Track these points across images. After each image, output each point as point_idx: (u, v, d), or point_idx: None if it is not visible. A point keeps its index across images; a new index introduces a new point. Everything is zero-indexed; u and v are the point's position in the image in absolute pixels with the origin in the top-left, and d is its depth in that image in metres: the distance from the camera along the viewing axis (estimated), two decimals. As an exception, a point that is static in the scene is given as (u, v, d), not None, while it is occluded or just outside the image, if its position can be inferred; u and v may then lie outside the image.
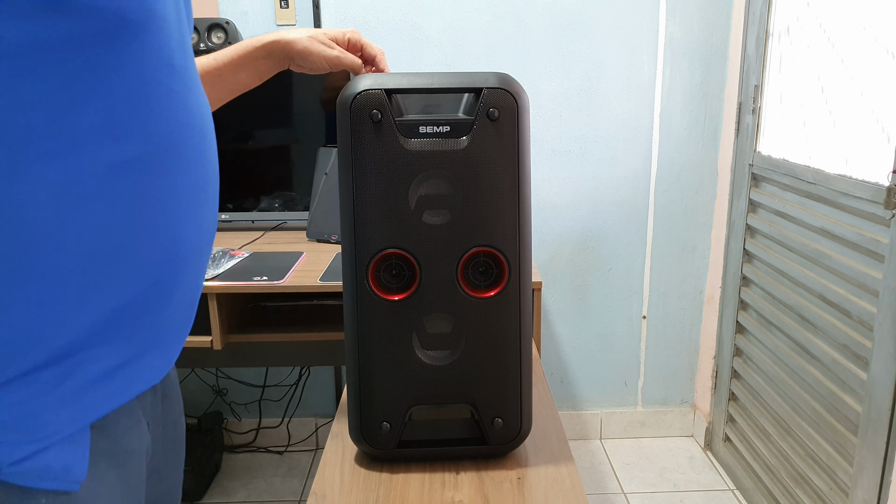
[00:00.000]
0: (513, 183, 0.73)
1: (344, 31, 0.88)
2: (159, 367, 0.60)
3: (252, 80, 0.88)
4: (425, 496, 0.75)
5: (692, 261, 2.20)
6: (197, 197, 0.59)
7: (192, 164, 0.57)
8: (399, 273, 0.75)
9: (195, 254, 0.60)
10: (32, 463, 0.50)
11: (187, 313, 0.63)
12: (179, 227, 0.57)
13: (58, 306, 0.50)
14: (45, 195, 0.47)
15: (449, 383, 0.77)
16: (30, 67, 0.45)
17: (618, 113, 2.08)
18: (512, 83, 0.73)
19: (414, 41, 2.00)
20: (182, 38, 0.58)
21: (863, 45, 1.45)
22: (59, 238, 0.49)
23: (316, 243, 1.80)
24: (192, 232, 0.59)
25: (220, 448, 2.18)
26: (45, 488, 0.51)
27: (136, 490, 0.61)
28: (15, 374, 0.49)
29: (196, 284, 0.63)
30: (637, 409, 2.32)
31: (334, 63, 0.86)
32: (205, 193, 0.60)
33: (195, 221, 0.59)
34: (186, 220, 0.58)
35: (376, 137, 0.72)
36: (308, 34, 0.86)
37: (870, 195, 1.38)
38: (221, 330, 1.49)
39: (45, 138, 0.47)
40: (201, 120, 0.59)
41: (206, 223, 0.62)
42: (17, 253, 0.48)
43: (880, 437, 1.34)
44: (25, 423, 0.50)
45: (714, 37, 2.03)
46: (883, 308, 1.33)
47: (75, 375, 0.52)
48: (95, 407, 0.54)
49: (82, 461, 0.53)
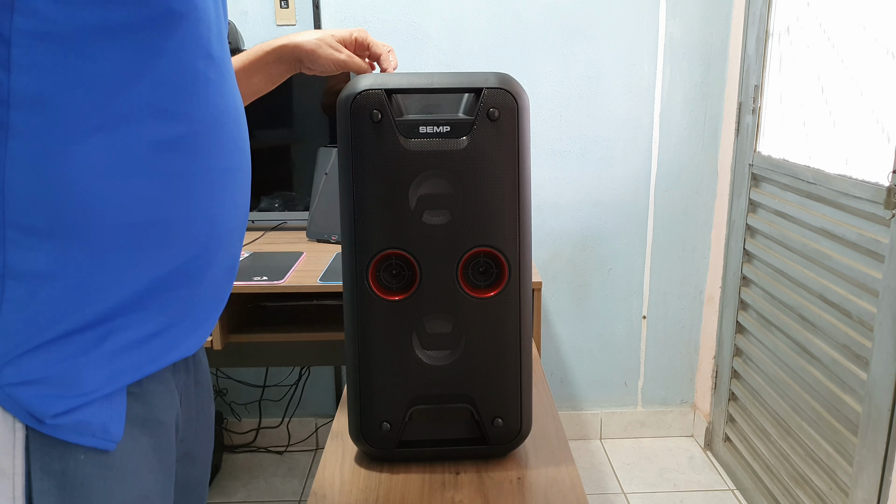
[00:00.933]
0: (513, 183, 0.73)
1: (351, 32, 0.89)
2: (193, 339, 0.63)
3: (264, 84, 0.89)
4: (425, 496, 0.75)
5: (692, 261, 2.20)
6: (232, 179, 0.62)
7: (227, 149, 0.61)
8: (399, 273, 0.75)
9: (230, 233, 0.63)
10: (73, 417, 0.54)
11: (221, 290, 0.65)
12: (216, 206, 0.60)
13: (103, 273, 0.54)
14: (96, 166, 0.52)
15: (449, 383, 0.77)
16: (86, 49, 0.50)
17: (618, 113, 2.08)
18: (512, 83, 0.73)
19: (414, 41, 2.00)
20: (220, 31, 0.62)
21: (863, 45, 1.45)
22: (108, 208, 0.53)
23: (316, 243, 1.80)
24: (227, 212, 0.62)
25: (220, 448, 2.18)
26: (85, 444, 0.54)
27: (167, 460, 0.63)
28: (60, 333, 0.53)
29: (231, 264, 0.66)
30: (637, 409, 2.32)
31: (341, 66, 0.88)
32: (240, 176, 0.64)
33: (230, 202, 0.62)
34: (222, 201, 0.61)
35: (376, 137, 0.72)
36: (316, 37, 0.87)
37: (870, 195, 1.38)
38: (221, 330, 1.49)
39: (98, 114, 0.52)
40: (235, 109, 0.63)
41: (240, 205, 0.65)
42: (69, 220, 0.52)
43: (880, 437, 1.34)
44: (67, 379, 0.53)
45: (714, 37, 2.03)
46: (883, 308, 1.33)
47: (114, 339, 0.55)
48: (132, 370, 0.57)
49: (119, 421, 0.57)
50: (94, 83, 0.51)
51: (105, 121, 0.52)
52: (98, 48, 0.51)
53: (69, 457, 0.54)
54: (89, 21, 0.50)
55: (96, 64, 0.51)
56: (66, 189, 0.51)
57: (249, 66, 0.87)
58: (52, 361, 0.53)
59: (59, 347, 0.53)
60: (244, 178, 0.66)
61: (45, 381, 0.53)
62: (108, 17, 0.50)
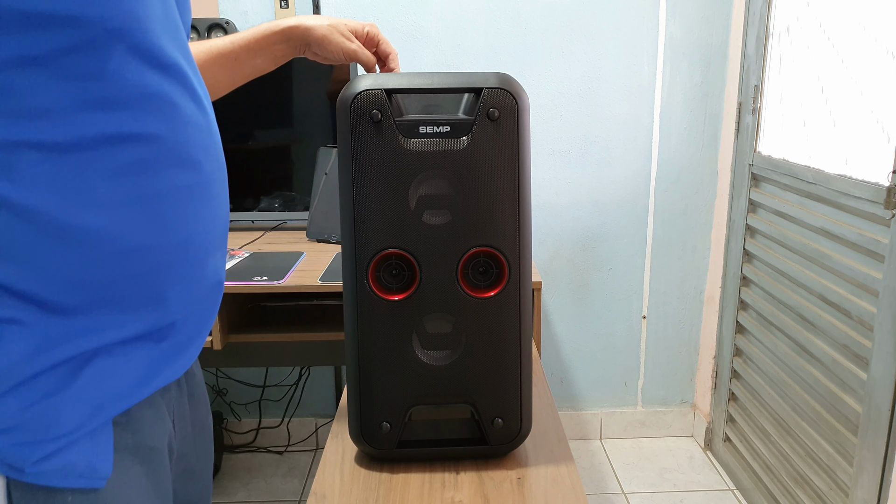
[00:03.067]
0: (513, 183, 0.73)
1: (364, 25, 0.88)
2: (181, 362, 0.60)
3: (267, 64, 0.87)
4: (425, 496, 0.75)
5: (692, 261, 2.20)
6: (205, 193, 0.59)
7: (194, 162, 0.57)
8: (399, 273, 0.75)
9: (210, 250, 0.60)
10: (56, 461, 0.50)
11: (208, 309, 0.63)
12: (190, 225, 0.57)
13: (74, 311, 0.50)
14: (50, 196, 0.48)
15: (449, 383, 0.77)
16: (23, 79, 0.46)
17: (618, 113, 2.08)
18: (512, 83, 0.73)
19: (414, 41, 2.00)
20: (173, 32, 0.57)
21: (863, 45, 1.45)
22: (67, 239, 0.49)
23: (316, 243, 1.80)
24: (203, 229, 0.59)
25: (220, 448, 2.18)
26: (71, 487, 0.51)
27: (163, 486, 0.60)
28: (30, 374, 0.49)
29: (215, 279, 0.63)
30: (637, 409, 2.32)
31: (351, 56, 0.86)
32: (214, 187, 0.60)
33: (206, 218, 0.59)
34: (196, 219, 0.58)
35: (376, 137, 0.72)
36: (328, 23, 0.85)
37: (870, 195, 1.38)
38: (221, 330, 1.49)
39: (47, 143, 0.47)
40: (201, 115, 0.59)
41: (218, 217, 0.62)
42: (25, 252, 0.48)
43: (880, 437, 1.34)
44: (44, 421, 0.50)
45: (714, 37, 2.03)
46: (883, 308, 1.33)
47: (91, 371, 0.52)
48: (116, 401, 0.54)
49: (107, 456, 0.53)
50: (37, 113, 0.47)
51: (58, 148, 0.48)
52: (30, 80, 0.46)
53: (56, 502, 0.50)
54: (16, 52, 0.45)
55: (33, 98, 0.46)
56: (20, 218, 0.47)
57: (255, 45, 0.84)
58: (25, 405, 0.49)
59: (31, 389, 0.49)
60: (219, 187, 0.62)
61: (19, 428, 0.49)
62: (36, 46, 0.46)
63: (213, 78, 0.84)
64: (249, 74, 0.87)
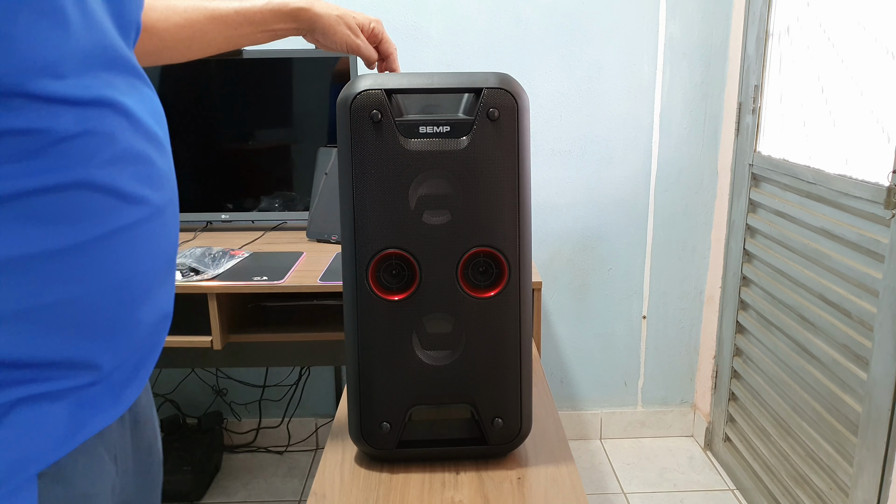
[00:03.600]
0: (513, 183, 0.73)
1: (370, 20, 0.88)
2: (116, 405, 0.56)
3: (266, 39, 0.87)
4: (425, 496, 0.75)
5: (692, 261, 2.20)
6: (151, 226, 0.55)
7: (139, 196, 0.53)
8: (399, 273, 0.75)
9: (154, 286, 0.57)
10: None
11: (150, 347, 0.59)
12: (126, 266, 0.53)
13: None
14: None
15: (449, 383, 0.77)
16: None
17: (618, 113, 2.08)
18: (512, 83, 0.73)
19: (414, 41, 2.00)
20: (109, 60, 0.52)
21: (863, 45, 1.45)
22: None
23: (316, 243, 1.80)
24: (146, 267, 0.55)
25: (220, 448, 2.18)
26: None
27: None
28: None
29: (161, 314, 0.59)
30: (637, 409, 2.32)
31: (353, 49, 0.86)
32: (163, 217, 0.57)
33: (151, 253, 0.55)
34: (137, 258, 0.54)
35: (376, 137, 0.72)
36: (337, 13, 0.85)
37: (870, 195, 1.38)
38: (221, 330, 1.49)
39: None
40: (147, 143, 0.55)
41: (165, 250, 0.58)
42: None
43: (880, 437, 1.34)
44: None
45: (714, 37, 2.03)
46: (883, 308, 1.33)
47: (9, 424, 0.47)
48: (40, 455, 0.49)
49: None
50: None
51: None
52: None
53: None
54: None
55: None
56: None
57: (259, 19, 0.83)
58: None
59: None
60: (168, 216, 0.57)
61: None
62: None
63: (206, 38, 0.84)
64: (244, 44, 0.86)
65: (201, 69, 1.83)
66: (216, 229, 1.95)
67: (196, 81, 1.85)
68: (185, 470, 1.96)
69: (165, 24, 0.81)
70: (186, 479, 1.95)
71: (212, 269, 1.50)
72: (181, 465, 1.97)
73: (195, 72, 1.83)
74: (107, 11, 0.53)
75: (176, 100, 1.87)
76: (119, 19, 0.55)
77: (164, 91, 1.85)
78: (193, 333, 1.50)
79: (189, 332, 1.50)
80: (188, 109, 1.87)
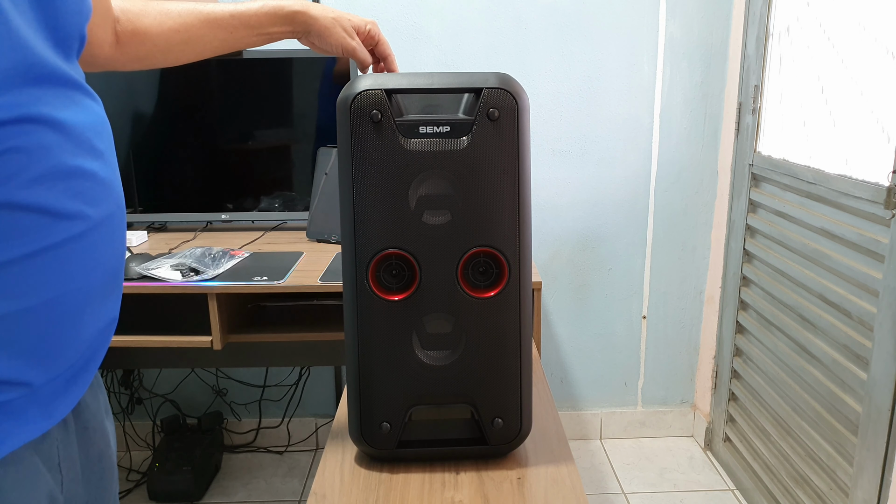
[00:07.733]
0: (513, 183, 0.73)
1: (366, 22, 0.88)
2: (48, 415, 0.55)
3: (262, 42, 0.87)
4: (425, 496, 0.75)
5: (692, 261, 2.20)
6: (87, 240, 0.54)
7: (74, 212, 0.52)
8: (399, 273, 0.75)
9: (94, 299, 0.55)
10: None
11: (89, 357, 0.58)
12: (57, 283, 0.52)
13: None
14: None
15: (449, 383, 0.77)
16: None
17: (618, 113, 2.08)
18: (512, 83, 0.73)
19: (414, 41, 2.00)
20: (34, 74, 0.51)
21: (863, 45, 1.45)
22: None
23: (316, 243, 1.80)
24: (78, 283, 0.54)
25: (220, 448, 2.18)
26: None
27: None
28: None
29: (103, 324, 0.58)
30: (637, 409, 2.32)
31: (348, 52, 0.86)
32: (101, 232, 0.55)
33: (90, 267, 0.54)
34: (74, 273, 0.53)
35: (376, 137, 0.72)
36: (333, 16, 0.85)
37: (870, 195, 1.38)
38: (221, 330, 1.49)
39: None
40: (83, 156, 0.54)
41: (101, 265, 0.56)
42: None
43: (880, 437, 1.34)
44: None
45: (714, 37, 2.03)
46: (883, 308, 1.33)
47: None
48: None
49: None
50: None
51: None
52: None
53: None
54: None
55: None
56: None
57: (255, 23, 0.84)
58: None
59: None
60: (108, 230, 0.56)
61: None
62: None
63: (201, 42, 0.83)
64: (240, 47, 0.86)
65: (201, 70, 1.83)
66: (216, 229, 1.95)
67: (196, 82, 1.85)
68: (184, 470, 1.96)
69: (159, 29, 0.81)
70: (186, 479, 1.95)
71: (212, 269, 1.50)
72: (181, 465, 1.97)
73: (195, 72, 1.83)
74: (38, 26, 0.52)
75: (176, 100, 1.87)
76: (55, 33, 0.54)
77: (165, 91, 1.86)
78: (193, 333, 1.50)
79: (189, 332, 1.50)
80: (188, 110, 1.87)
